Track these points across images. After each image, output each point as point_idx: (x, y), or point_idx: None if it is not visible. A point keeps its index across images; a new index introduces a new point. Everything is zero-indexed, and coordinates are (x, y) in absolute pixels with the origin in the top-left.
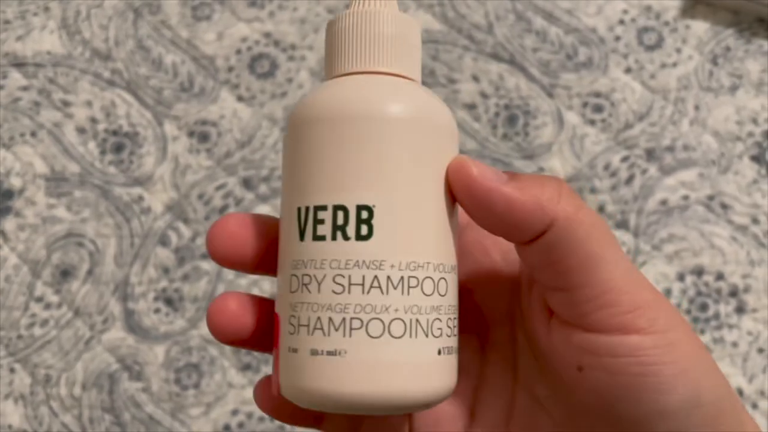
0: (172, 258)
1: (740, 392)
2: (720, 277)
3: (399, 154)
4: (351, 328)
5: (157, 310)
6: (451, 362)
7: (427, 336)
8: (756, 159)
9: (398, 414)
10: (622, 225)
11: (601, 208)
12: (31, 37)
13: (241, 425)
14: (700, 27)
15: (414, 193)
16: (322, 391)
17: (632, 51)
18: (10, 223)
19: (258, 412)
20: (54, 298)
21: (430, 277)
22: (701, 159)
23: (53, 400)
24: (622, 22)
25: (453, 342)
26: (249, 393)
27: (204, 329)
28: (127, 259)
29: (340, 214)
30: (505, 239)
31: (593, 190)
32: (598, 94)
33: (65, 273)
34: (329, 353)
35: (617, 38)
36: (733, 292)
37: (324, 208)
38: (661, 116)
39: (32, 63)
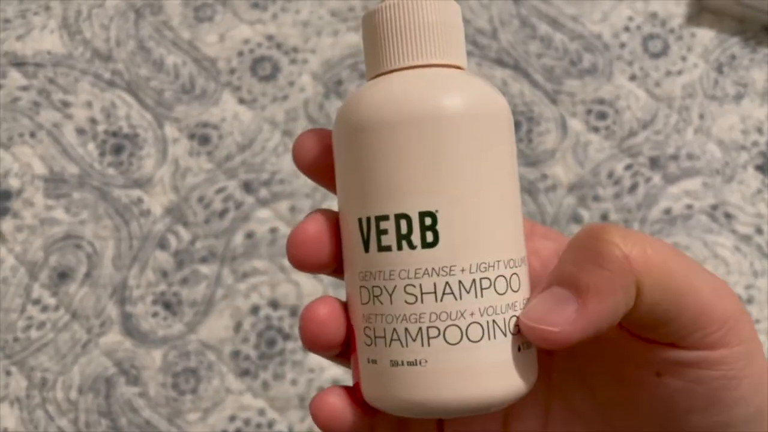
0: (170, 261)
1: None
2: None
3: (456, 154)
4: (429, 337)
5: (155, 314)
6: (531, 356)
7: (505, 335)
8: (760, 168)
9: (485, 413)
10: None
11: (604, 217)
12: (31, 36)
13: (238, 431)
14: (705, 35)
15: (476, 191)
16: (407, 399)
17: (637, 58)
18: (7, 224)
19: (256, 418)
20: (51, 301)
21: (502, 275)
22: (705, 168)
23: (49, 403)
24: (627, 29)
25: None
26: (247, 399)
27: (202, 334)
28: (125, 261)
29: (404, 223)
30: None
31: (596, 198)
32: (602, 101)
33: (63, 275)
34: (410, 363)
35: (622, 45)
36: None
37: (386, 218)
38: (665, 124)
39: (32, 63)
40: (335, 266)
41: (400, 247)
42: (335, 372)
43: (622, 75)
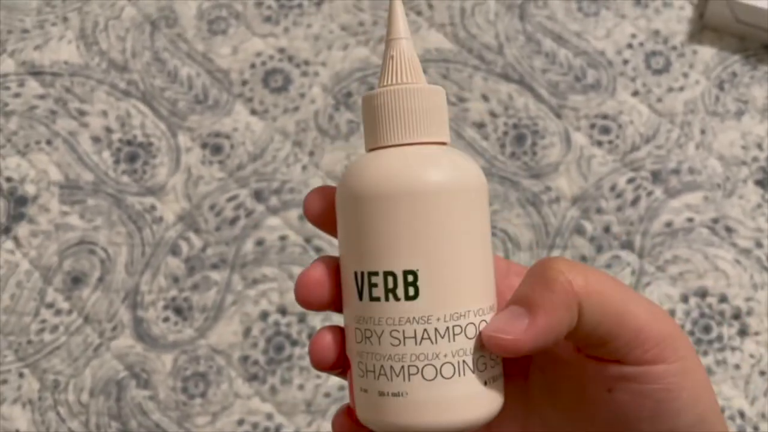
0: (182, 267)
1: (741, 414)
2: (723, 299)
3: (436, 222)
4: (409, 374)
5: (166, 319)
6: (497, 387)
7: (473, 372)
8: (760, 183)
9: None
10: (627, 246)
11: (606, 229)
12: (49, 46)
13: None
14: (707, 52)
15: (451, 253)
16: (392, 423)
17: (640, 74)
18: (23, 230)
19: (264, 422)
20: (64, 305)
21: (472, 323)
22: (706, 182)
23: (61, 405)
24: (630, 45)
25: (498, 369)
26: (255, 403)
27: (212, 339)
28: (137, 267)
29: (390, 279)
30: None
31: (599, 211)
32: (605, 116)
33: (76, 280)
34: (394, 395)
35: (625, 62)
36: (736, 315)
37: (376, 273)
38: (667, 139)
39: (49, 72)
40: (336, 306)
41: (387, 299)
42: (340, 379)
43: (625, 91)
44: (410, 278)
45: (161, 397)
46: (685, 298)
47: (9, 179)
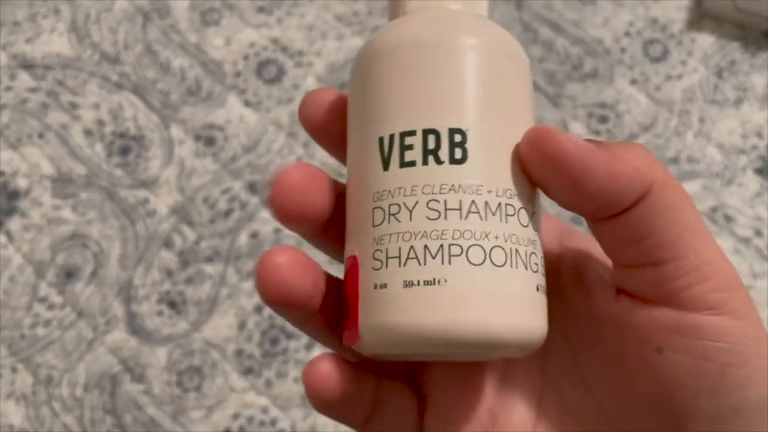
0: (175, 261)
1: None
2: None
3: (485, 81)
4: (450, 255)
5: (160, 313)
6: (545, 304)
7: (526, 268)
8: (760, 172)
9: (489, 357)
10: None
11: None
12: (40, 39)
13: (241, 429)
14: (705, 40)
15: (503, 120)
16: (418, 322)
17: (638, 63)
18: (15, 224)
19: (259, 416)
20: (58, 299)
21: (525, 209)
22: (705, 171)
23: (55, 400)
24: (628, 34)
25: (544, 281)
26: (250, 397)
27: (206, 332)
28: (131, 261)
29: (431, 138)
30: (589, 215)
31: None
32: (603, 105)
33: (69, 274)
34: (426, 283)
35: (623, 50)
36: None
37: (412, 133)
38: (665, 128)
39: (41, 65)
40: (322, 224)
41: (425, 162)
42: None
43: (623, 79)
44: (458, 138)
45: (156, 391)
46: None
47: (1, 173)
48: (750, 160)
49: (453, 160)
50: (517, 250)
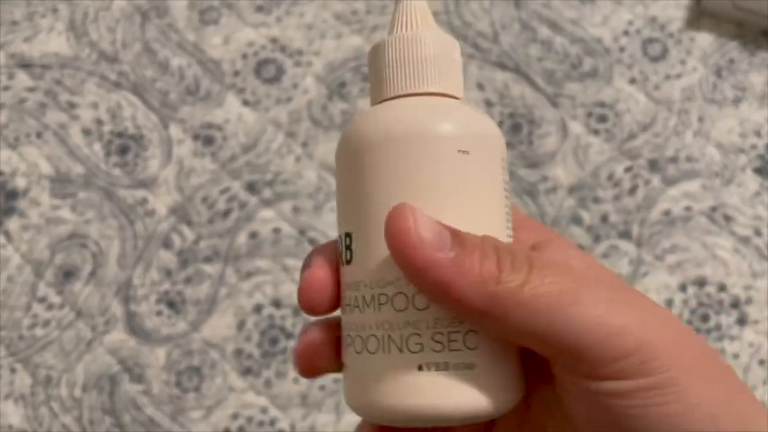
0: (174, 261)
1: None
2: (722, 288)
3: (369, 179)
4: (346, 345)
5: (159, 313)
6: (445, 380)
7: (401, 351)
8: (759, 171)
9: (393, 424)
10: (625, 235)
11: (604, 218)
12: (38, 38)
13: (240, 429)
14: (704, 39)
15: (382, 214)
16: (347, 400)
17: (637, 62)
18: (14, 223)
19: (258, 416)
20: (56, 299)
21: (402, 293)
22: (704, 170)
23: (54, 400)
24: (627, 33)
25: (449, 357)
26: (249, 397)
27: (205, 332)
28: (130, 261)
29: (340, 242)
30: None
31: (596, 200)
32: (602, 104)
33: (68, 274)
34: (344, 367)
35: (622, 49)
36: (735, 304)
37: (340, 236)
38: (664, 127)
39: (39, 64)
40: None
41: (342, 262)
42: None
43: (622, 78)
44: (347, 241)
45: (155, 392)
46: (683, 287)
47: None
48: (749, 160)
49: (347, 261)
50: (390, 336)
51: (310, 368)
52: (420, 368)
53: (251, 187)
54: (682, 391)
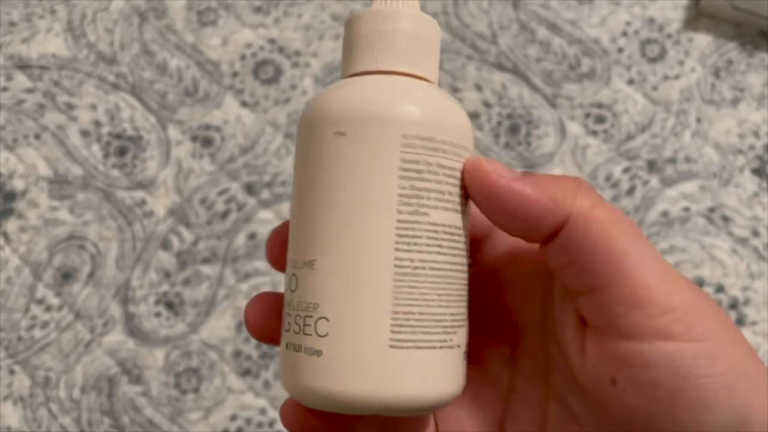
0: (173, 262)
1: None
2: (720, 289)
3: (295, 161)
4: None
5: (157, 314)
6: (293, 360)
7: (286, 330)
8: (757, 172)
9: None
10: None
11: None
12: (36, 39)
13: (239, 430)
14: (702, 40)
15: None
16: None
17: (635, 63)
18: (12, 225)
19: (257, 417)
20: (55, 301)
21: (289, 273)
22: (702, 171)
23: (52, 402)
24: (625, 33)
25: (302, 341)
26: (248, 398)
27: (204, 333)
28: (128, 262)
29: None
30: (523, 240)
31: None
32: (600, 105)
33: (66, 275)
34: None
35: (620, 50)
36: (733, 305)
37: None
38: (662, 128)
39: (37, 65)
40: None
41: None
42: None
43: (620, 79)
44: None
45: (153, 393)
46: None
47: None
48: (747, 161)
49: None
50: (287, 314)
51: (260, 335)
52: (287, 347)
53: (250, 189)
54: (725, 362)
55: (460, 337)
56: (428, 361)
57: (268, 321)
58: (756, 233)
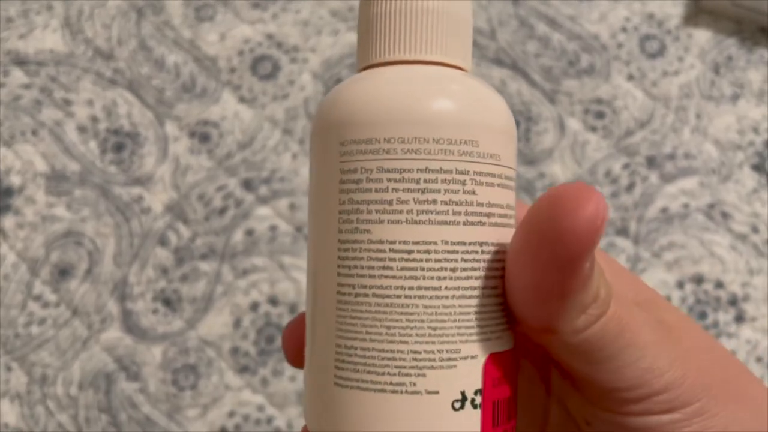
0: (171, 258)
1: None
2: (719, 285)
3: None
4: None
5: (155, 311)
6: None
7: None
8: (756, 168)
9: None
10: (623, 232)
11: None
12: (33, 35)
13: (237, 427)
14: (702, 36)
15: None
16: None
17: (634, 59)
18: (9, 221)
19: (255, 414)
20: (52, 297)
21: None
22: (702, 167)
23: (50, 399)
24: (624, 29)
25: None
26: (246, 395)
27: (202, 330)
28: (126, 258)
29: None
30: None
31: None
32: (599, 101)
33: (64, 272)
34: None
35: (620, 46)
36: (733, 301)
37: None
38: (662, 124)
39: (34, 61)
40: None
41: None
42: None
43: (620, 75)
44: None
45: (151, 390)
46: (680, 285)
47: None
48: (747, 157)
49: None
50: None
51: (297, 360)
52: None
53: (247, 185)
54: (710, 418)
55: (439, 381)
56: (374, 408)
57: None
58: (755, 229)
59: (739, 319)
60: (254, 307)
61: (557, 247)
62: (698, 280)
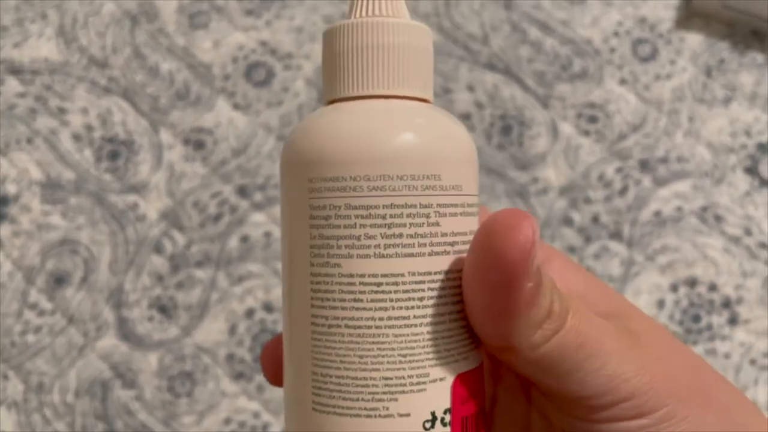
0: (166, 266)
1: None
2: (713, 288)
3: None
4: None
5: (150, 318)
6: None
7: None
8: (749, 171)
9: None
10: (616, 236)
11: (595, 219)
12: (28, 44)
13: None
14: (694, 39)
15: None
16: None
17: (627, 62)
18: (4, 230)
19: (251, 421)
20: (48, 305)
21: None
22: (695, 170)
23: (46, 407)
24: (616, 33)
25: None
26: (242, 402)
27: (198, 337)
28: (121, 266)
29: None
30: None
31: (587, 201)
32: (592, 105)
33: (59, 280)
34: None
35: (612, 50)
36: (726, 304)
37: None
38: (655, 128)
39: (29, 70)
40: None
41: None
42: None
43: (612, 79)
44: None
45: (147, 397)
46: (674, 288)
47: None
48: (739, 159)
49: None
50: None
51: (276, 379)
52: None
53: (242, 191)
54: (679, 422)
55: (410, 404)
56: (351, 431)
57: None
58: (748, 232)
59: (733, 321)
60: (249, 313)
61: (495, 273)
62: (692, 283)
